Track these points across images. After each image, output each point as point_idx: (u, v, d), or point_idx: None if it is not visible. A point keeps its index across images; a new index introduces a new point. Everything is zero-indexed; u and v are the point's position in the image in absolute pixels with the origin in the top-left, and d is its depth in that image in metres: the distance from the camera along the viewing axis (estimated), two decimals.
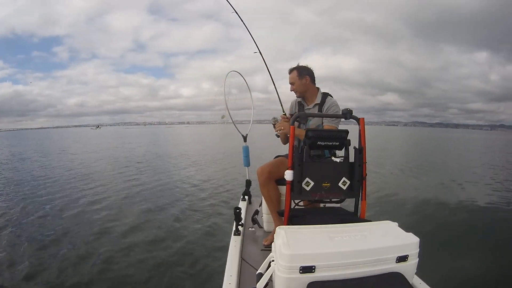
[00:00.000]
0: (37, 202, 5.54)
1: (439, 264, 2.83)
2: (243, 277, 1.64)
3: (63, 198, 5.81)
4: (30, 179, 7.90)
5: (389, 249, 1.13)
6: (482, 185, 7.41)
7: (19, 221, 4.44)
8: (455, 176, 8.45)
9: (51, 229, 4.10)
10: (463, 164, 12.34)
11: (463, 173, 9.42)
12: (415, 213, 4.87)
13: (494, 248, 3.43)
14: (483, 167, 11.34)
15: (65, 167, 10.02)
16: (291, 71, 2.09)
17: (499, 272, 2.89)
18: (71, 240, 3.73)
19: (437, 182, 7.65)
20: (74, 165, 10.59)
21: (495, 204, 5.46)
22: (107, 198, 5.79)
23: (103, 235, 3.88)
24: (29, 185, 7.12)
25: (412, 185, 7.27)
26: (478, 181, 7.94)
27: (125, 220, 4.50)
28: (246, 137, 2.86)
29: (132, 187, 6.88)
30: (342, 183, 1.50)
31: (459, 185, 7.32)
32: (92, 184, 7.21)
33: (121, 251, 3.43)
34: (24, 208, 5.14)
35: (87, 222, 4.38)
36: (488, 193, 6.40)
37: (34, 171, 9.30)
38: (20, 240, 3.72)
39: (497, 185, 7.39)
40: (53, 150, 18.57)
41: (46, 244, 3.58)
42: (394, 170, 9.48)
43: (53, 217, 4.64)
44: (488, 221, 4.50)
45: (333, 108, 1.98)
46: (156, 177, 8.04)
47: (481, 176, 8.78)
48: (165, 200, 5.67)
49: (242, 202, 2.94)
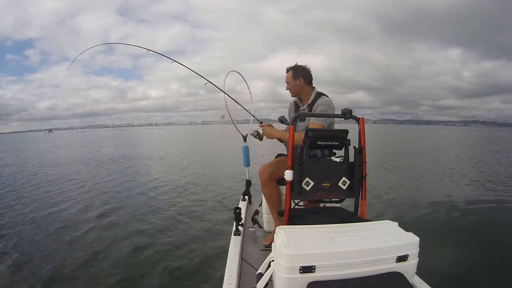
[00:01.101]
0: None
1: (439, 264, 2.83)
2: (243, 277, 1.65)
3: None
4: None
5: (389, 249, 1.13)
6: (482, 183, 7.40)
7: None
8: (452, 174, 8.48)
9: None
10: (453, 160, 12.42)
11: (457, 169, 9.44)
12: (415, 212, 4.87)
13: (495, 247, 3.43)
14: (470, 162, 11.50)
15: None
16: (287, 70, 2.09)
17: (499, 272, 2.89)
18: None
19: (437, 182, 7.66)
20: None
21: (495, 204, 5.46)
22: (104, 201, 5.80)
23: (103, 235, 3.89)
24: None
25: (412, 185, 7.26)
26: (477, 179, 7.93)
27: (125, 220, 4.51)
28: (246, 137, 2.86)
29: (129, 189, 6.88)
30: (342, 183, 1.50)
31: (456, 183, 7.32)
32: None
33: (121, 251, 3.43)
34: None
35: (96, 226, 4.39)
36: (488, 193, 6.40)
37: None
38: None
39: (495, 182, 7.38)
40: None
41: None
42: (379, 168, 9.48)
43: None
44: (488, 221, 4.50)
45: (320, 108, 1.97)
46: (150, 178, 8.04)
47: (478, 173, 8.80)
48: (164, 201, 5.67)
49: (242, 202, 2.94)
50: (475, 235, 3.85)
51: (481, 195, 6.03)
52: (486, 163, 11.33)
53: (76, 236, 3.90)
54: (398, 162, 10.94)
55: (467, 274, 2.86)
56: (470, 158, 13.06)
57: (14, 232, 4.05)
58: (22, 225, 4.36)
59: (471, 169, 9.68)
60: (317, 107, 1.98)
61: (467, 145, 23.58)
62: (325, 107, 1.96)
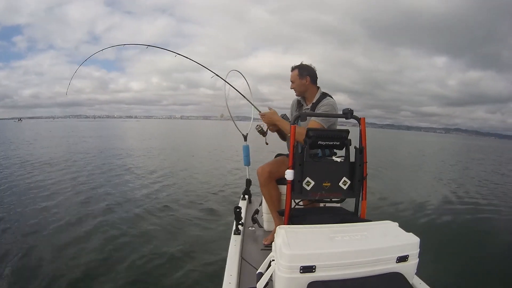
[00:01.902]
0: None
1: (439, 264, 2.83)
2: (243, 276, 1.64)
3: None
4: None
5: (390, 249, 1.13)
6: (480, 184, 7.43)
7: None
8: (446, 177, 8.52)
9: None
10: (442, 165, 12.58)
11: (451, 175, 9.51)
12: (415, 213, 4.87)
13: (495, 247, 3.43)
14: (461, 167, 11.59)
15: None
16: (293, 69, 2.07)
17: (499, 272, 2.90)
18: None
19: (437, 181, 7.66)
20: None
21: (495, 205, 5.47)
22: (97, 195, 5.78)
23: (103, 233, 3.89)
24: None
25: (412, 185, 7.27)
26: (477, 184, 7.97)
27: (125, 221, 4.51)
28: (246, 136, 2.86)
29: (126, 190, 6.87)
30: (343, 183, 1.50)
31: (454, 186, 7.34)
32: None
33: (120, 251, 3.43)
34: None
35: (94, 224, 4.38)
36: (487, 193, 6.41)
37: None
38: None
39: (493, 185, 7.42)
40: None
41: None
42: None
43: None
44: (488, 220, 4.51)
45: (323, 108, 1.95)
46: (149, 176, 8.02)
47: (474, 179, 8.85)
48: (163, 198, 5.66)
49: (242, 201, 2.94)
50: (475, 236, 3.86)
51: (483, 197, 6.05)
52: (474, 170, 11.54)
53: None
54: (391, 165, 11.01)
55: (467, 274, 2.87)
56: (459, 164, 13.29)
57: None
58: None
59: (464, 174, 9.76)
60: (321, 107, 1.96)
61: (453, 151, 23.85)
62: (328, 107, 1.95)
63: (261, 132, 2.23)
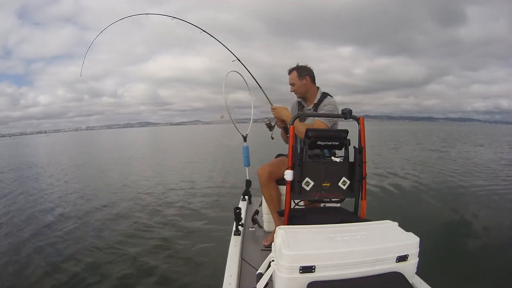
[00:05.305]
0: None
1: (439, 263, 2.83)
2: (243, 277, 1.64)
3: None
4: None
5: (389, 249, 1.13)
6: (479, 182, 7.40)
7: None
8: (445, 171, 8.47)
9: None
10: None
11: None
12: (415, 213, 4.86)
13: (495, 247, 3.43)
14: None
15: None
16: (290, 71, 2.06)
17: (499, 271, 2.89)
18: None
19: (437, 182, 7.65)
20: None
21: (495, 204, 5.46)
22: (105, 200, 5.77)
23: (103, 233, 3.89)
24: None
25: (412, 185, 7.26)
26: (472, 176, 7.92)
27: (124, 221, 4.51)
28: (246, 137, 2.86)
29: (125, 191, 6.87)
30: (342, 183, 1.50)
31: (455, 183, 7.32)
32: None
33: (119, 250, 3.43)
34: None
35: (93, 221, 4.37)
36: (487, 193, 6.39)
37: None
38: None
39: (492, 180, 7.38)
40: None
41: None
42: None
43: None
44: (488, 220, 4.50)
45: (326, 108, 1.96)
46: (147, 178, 8.01)
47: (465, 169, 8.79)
48: (164, 200, 5.67)
49: (242, 202, 2.94)
50: (476, 235, 3.85)
51: (483, 197, 6.03)
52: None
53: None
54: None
55: (467, 273, 2.86)
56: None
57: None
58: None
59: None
60: (324, 107, 1.97)
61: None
62: (331, 107, 1.95)
63: (268, 126, 2.20)
